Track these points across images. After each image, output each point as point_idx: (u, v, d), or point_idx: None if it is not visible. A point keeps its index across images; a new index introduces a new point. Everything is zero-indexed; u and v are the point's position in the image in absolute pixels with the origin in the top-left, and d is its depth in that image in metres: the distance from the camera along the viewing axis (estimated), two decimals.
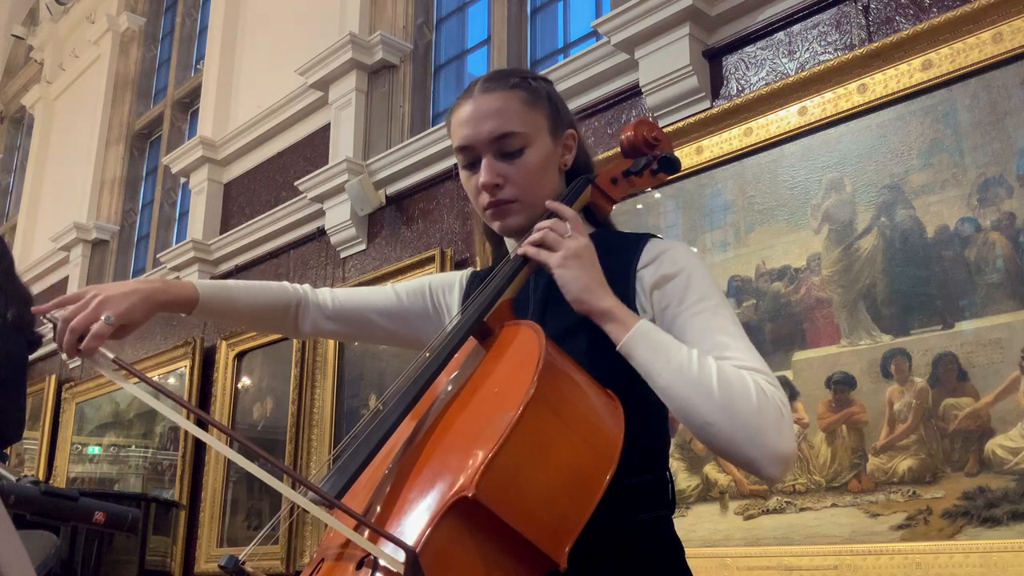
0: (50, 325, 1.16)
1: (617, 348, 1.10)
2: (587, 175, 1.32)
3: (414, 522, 0.92)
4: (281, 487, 0.98)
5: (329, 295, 1.43)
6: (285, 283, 1.43)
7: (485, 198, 1.26)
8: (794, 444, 1.07)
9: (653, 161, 1.33)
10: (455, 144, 1.29)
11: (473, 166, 1.27)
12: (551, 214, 1.23)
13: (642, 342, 1.09)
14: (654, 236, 1.28)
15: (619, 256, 1.23)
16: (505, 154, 1.24)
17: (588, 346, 1.14)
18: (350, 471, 1.03)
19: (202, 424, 3.55)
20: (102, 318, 1.15)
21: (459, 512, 0.90)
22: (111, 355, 1.12)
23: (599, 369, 1.08)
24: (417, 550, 0.88)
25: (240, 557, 0.96)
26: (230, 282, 1.37)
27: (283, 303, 1.40)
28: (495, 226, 1.30)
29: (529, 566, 0.93)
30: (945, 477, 2.16)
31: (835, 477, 2.34)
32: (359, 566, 0.93)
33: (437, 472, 0.97)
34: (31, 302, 2.52)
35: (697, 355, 1.08)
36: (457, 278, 1.45)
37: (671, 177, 1.39)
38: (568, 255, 1.14)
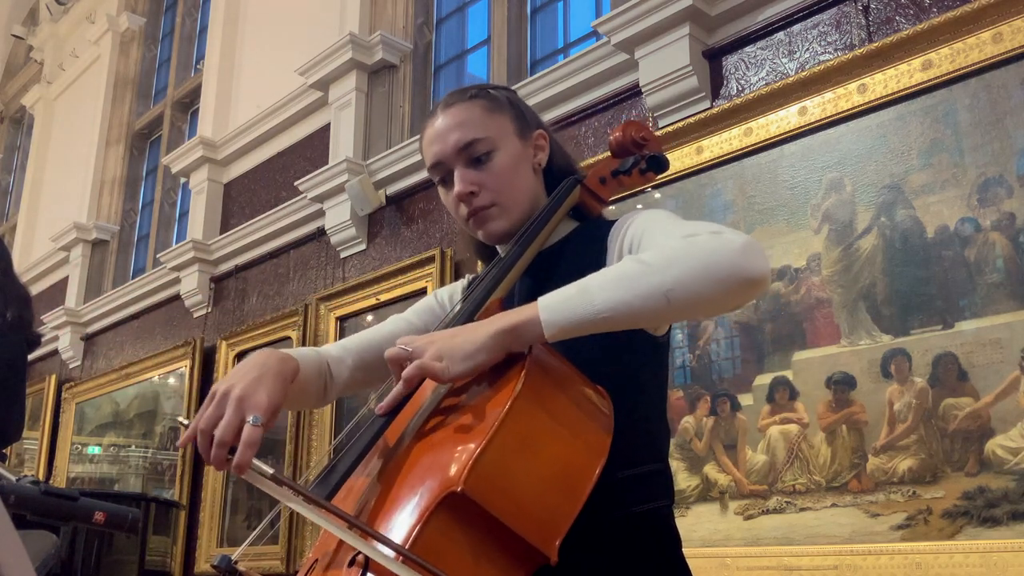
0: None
1: (547, 340, 1.01)
2: (576, 176, 1.32)
3: (405, 518, 0.93)
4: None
5: (338, 348, 1.35)
6: (301, 349, 1.32)
7: (463, 209, 1.26)
8: (744, 235, 1.01)
9: (641, 160, 1.34)
10: (427, 164, 1.30)
11: (447, 181, 1.28)
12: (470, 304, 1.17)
13: (556, 311, 1.00)
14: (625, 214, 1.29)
15: (595, 244, 1.24)
16: (474, 161, 1.25)
17: (569, 343, 1.13)
18: (341, 471, 1.04)
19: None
20: (249, 420, 0.99)
21: (449, 507, 0.91)
22: (269, 469, 0.96)
23: (585, 364, 1.08)
24: (407, 546, 0.88)
25: (233, 556, 0.96)
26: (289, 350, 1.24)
27: (319, 369, 1.30)
28: (479, 235, 1.29)
29: (520, 560, 0.94)
30: (945, 477, 2.16)
31: (835, 477, 2.34)
32: (351, 564, 0.93)
33: (427, 468, 0.98)
34: (30, 302, 2.53)
35: (608, 268, 1.05)
36: (459, 284, 1.45)
37: (663, 177, 1.40)
38: (435, 359, 1.01)
